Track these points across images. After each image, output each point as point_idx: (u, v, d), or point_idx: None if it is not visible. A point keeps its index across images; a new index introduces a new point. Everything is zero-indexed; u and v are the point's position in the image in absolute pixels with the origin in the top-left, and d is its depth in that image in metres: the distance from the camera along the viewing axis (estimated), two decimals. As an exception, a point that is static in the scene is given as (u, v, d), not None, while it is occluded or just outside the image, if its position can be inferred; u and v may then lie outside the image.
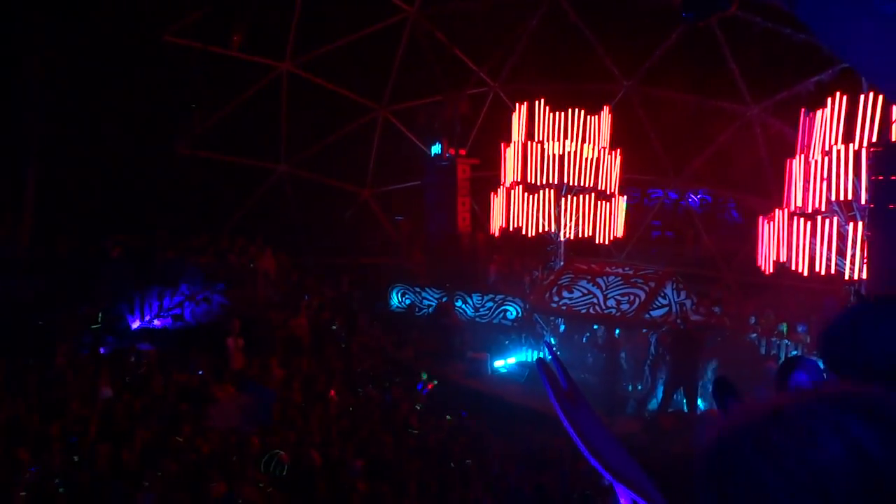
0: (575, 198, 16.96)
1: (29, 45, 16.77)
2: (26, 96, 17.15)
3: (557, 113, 17.16)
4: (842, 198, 12.14)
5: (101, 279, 15.78)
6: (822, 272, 12.44)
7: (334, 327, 16.74)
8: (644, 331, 13.98)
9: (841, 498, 0.76)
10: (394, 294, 18.39)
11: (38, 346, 13.26)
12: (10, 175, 17.12)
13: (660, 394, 12.95)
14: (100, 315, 15.18)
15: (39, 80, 17.07)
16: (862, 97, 11.91)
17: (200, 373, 12.96)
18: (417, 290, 18.12)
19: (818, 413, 0.82)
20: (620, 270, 15.06)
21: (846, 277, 12.06)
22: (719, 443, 0.88)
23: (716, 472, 0.86)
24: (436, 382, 13.76)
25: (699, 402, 12.51)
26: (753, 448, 0.83)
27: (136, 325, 15.56)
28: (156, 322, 15.83)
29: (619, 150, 17.24)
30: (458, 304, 17.41)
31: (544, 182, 17.12)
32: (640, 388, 13.34)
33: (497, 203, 17.84)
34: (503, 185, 17.83)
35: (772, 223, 13.56)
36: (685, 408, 12.69)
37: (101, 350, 14.37)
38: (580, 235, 17.16)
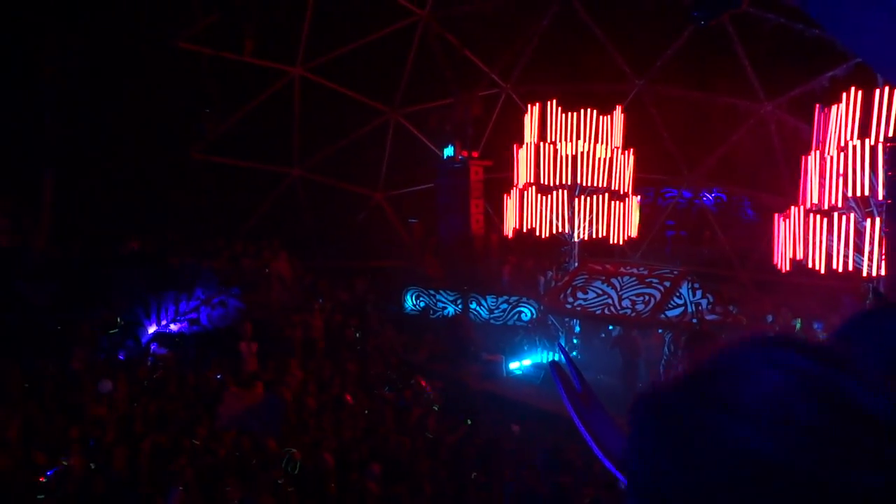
0: (588, 198, 16.89)
1: (44, 52, 16.95)
2: (42, 103, 17.34)
3: (570, 113, 17.11)
4: (858, 194, 12.02)
5: (117, 283, 15.91)
6: (840, 269, 12.32)
7: (357, 333, 16.77)
8: (659, 331, 13.91)
9: (802, 415, 0.76)
10: (408, 296, 18.41)
11: (55, 350, 13.40)
12: (27, 180, 17.32)
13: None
14: (117, 319, 15.30)
15: (55, 86, 17.25)
16: (877, 92, 11.79)
17: (219, 377, 13.03)
18: (432, 292, 18.12)
19: (747, 355, 0.83)
20: (635, 270, 14.97)
21: (864, 274, 11.94)
22: (657, 407, 0.84)
23: (664, 437, 0.81)
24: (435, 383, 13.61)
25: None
26: (697, 401, 0.81)
27: (152, 329, 15.67)
28: (172, 326, 15.93)
29: (632, 150, 17.17)
30: (473, 306, 17.39)
31: (557, 183, 17.07)
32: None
33: (510, 204, 17.81)
34: (516, 186, 17.80)
35: (787, 221, 13.45)
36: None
37: (120, 354, 14.50)
38: (594, 236, 17.09)
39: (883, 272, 11.40)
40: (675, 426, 0.81)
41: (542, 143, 17.24)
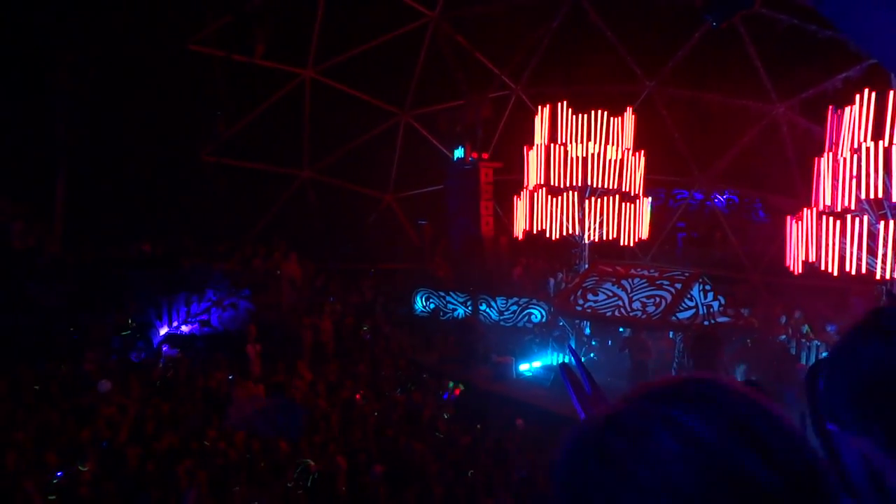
0: (599, 200, 16.83)
1: (56, 57, 17.09)
2: (55, 106, 17.48)
3: (580, 115, 17.06)
4: (872, 196, 11.92)
5: (129, 286, 16.00)
6: (853, 272, 12.22)
7: (366, 331, 16.79)
8: (671, 334, 13.84)
9: (690, 489, 0.75)
10: (418, 298, 18.40)
11: (69, 351, 13.49)
12: (40, 183, 17.45)
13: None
14: (129, 321, 15.37)
15: (67, 90, 17.38)
16: (891, 93, 11.69)
17: (231, 377, 13.08)
18: (442, 294, 18.11)
19: (648, 411, 0.82)
20: (646, 272, 14.90)
21: (877, 277, 11.84)
22: (566, 456, 0.85)
23: (568, 489, 0.83)
24: (462, 387, 13.70)
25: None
26: (596, 458, 0.81)
27: (164, 330, 15.74)
28: (183, 328, 16.00)
29: (643, 152, 17.10)
30: (483, 307, 17.36)
31: (568, 184, 17.02)
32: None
33: (520, 206, 17.78)
34: (526, 188, 17.77)
35: (800, 223, 13.35)
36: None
37: (132, 356, 14.57)
38: (604, 238, 17.03)
39: (896, 274, 11.30)
40: (576, 480, 0.83)
41: (552, 145, 17.20)
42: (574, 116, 17.08)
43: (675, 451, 0.77)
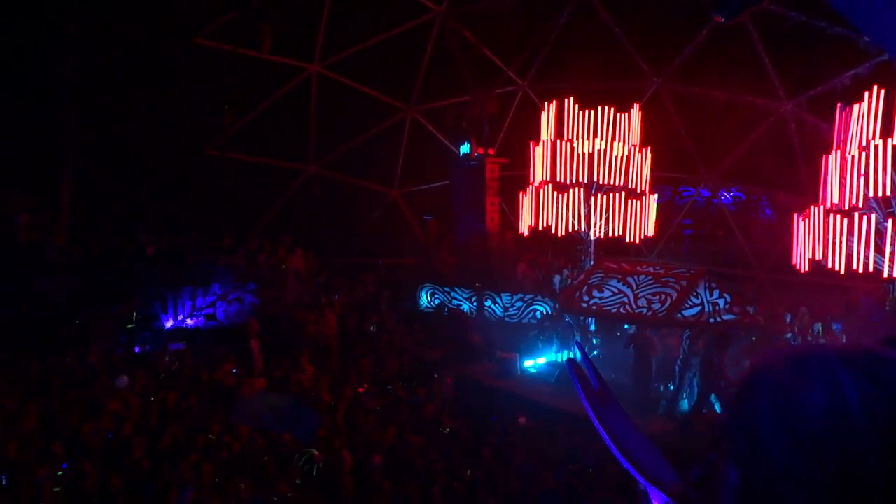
0: (605, 196, 16.79)
1: (63, 51, 17.11)
2: (61, 100, 17.50)
3: (587, 111, 17.00)
4: (880, 194, 11.86)
5: (135, 279, 16.04)
6: (860, 270, 12.17)
7: (372, 328, 16.79)
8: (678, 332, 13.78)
9: (808, 436, 0.87)
10: (423, 294, 18.40)
11: (75, 344, 13.53)
12: (47, 177, 17.49)
13: (694, 394, 12.77)
14: (134, 314, 15.41)
15: (73, 84, 17.41)
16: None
17: (235, 371, 13.10)
18: (447, 289, 18.10)
19: (825, 359, 0.93)
20: (651, 269, 14.84)
21: (885, 275, 11.79)
22: (748, 378, 0.97)
23: (736, 409, 0.97)
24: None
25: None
26: (766, 384, 0.94)
27: (169, 324, 15.77)
28: (189, 321, 16.03)
29: (649, 148, 17.04)
30: (487, 303, 17.34)
31: (574, 181, 16.98)
32: (671, 388, 13.16)
33: (526, 202, 17.74)
34: (532, 184, 17.73)
35: (807, 221, 13.30)
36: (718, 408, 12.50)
37: (136, 349, 14.62)
38: (610, 234, 16.99)
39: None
40: (748, 398, 0.96)
41: (558, 141, 17.15)
42: (580, 113, 17.03)
43: (819, 401, 0.89)
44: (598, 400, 1.54)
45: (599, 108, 16.79)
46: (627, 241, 17.11)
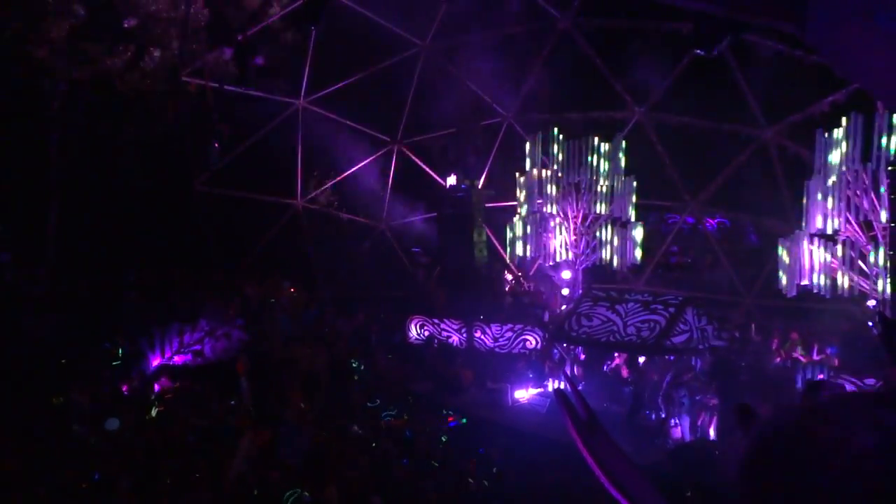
0: (591, 225, 16.92)
1: (49, 85, 17.14)
2: (47, 135, 17.50)
3: (571, 141, 17.19)
4: (862, 218, 12.03)
5: (120, 316, 15.89)
6: (845, 293, 12.28)
7: (354, 364, 16.67)
8: (670, 358, 13.80)
9: (881, 477, 0.88)
10: (412, 326, 18.34)
11: (59, 383, 13.33)
12: (31, 212, 17.40)
13: (685, 422, 12.74)
14: (119, 351, 15.24)
15: (59, 118, 17.42)
16: (877, 116, 11.85)
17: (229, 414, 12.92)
18: (436, 321, 18.05)
19: (854, 406, 0.96)
20: (639, 297, 14.92)
21: (869, 298, 11.90)
22: (761, 439, 0.99)
23: (759, 468, 0.97)
24: (464, 421, 13.58)
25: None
26: (795, 440, 0.94)
27: (156, 361, 15.59)
28: (176, 358, 15.85)
29: (633, 177, 17.21)
30: (477, 334, 17.31)
31: (560, 211, 17.10)
32: (662, 416, 13.13)
33: (513, 233, 17.84)
34: (519, 214, 17.84)
35: (792, 246, 13.44)
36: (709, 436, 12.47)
37: (123, 388, 14.41)
38: (597, 263, 17.08)
39: (888, 295, 11.36)
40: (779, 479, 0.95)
41: (543, 171, 17.31)
42: (565, 143, 17.22)
43: (875, 443, 0.90)
44: (587, 430, 1.55)
45: (583, 138, 17.00)
46: (615, 269, 17.22)
